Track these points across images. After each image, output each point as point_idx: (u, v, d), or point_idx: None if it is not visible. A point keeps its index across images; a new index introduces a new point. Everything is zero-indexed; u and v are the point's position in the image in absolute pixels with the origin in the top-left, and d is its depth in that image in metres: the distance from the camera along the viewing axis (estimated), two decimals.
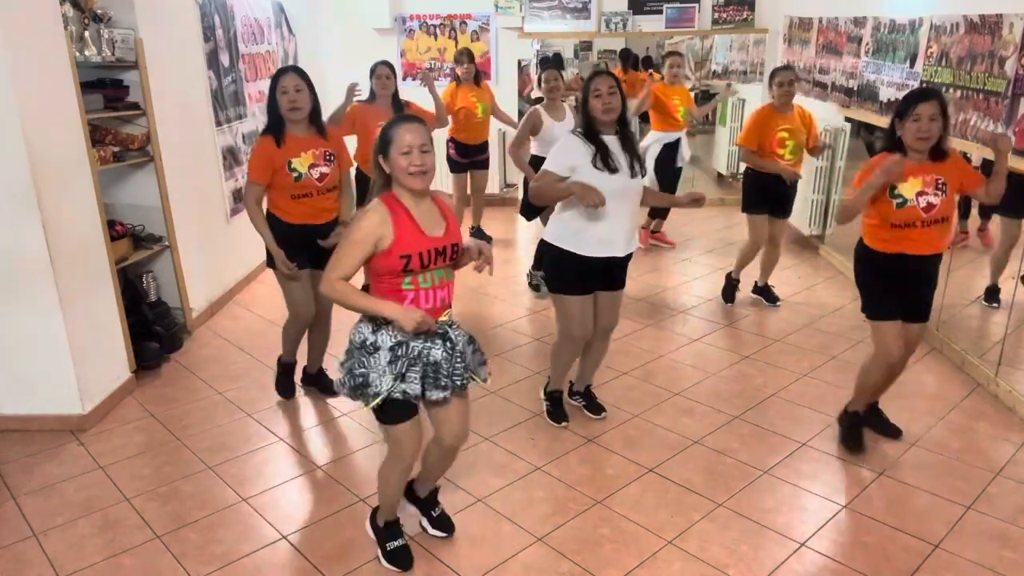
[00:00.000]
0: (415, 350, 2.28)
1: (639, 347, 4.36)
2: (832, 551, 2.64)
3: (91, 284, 3.58)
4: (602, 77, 3.08)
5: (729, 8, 7.31)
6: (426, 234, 2.26)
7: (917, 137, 2.91)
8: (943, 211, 2.96)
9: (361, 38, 7.37)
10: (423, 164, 2.21)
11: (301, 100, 3.23)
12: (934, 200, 2.94)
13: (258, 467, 3.22)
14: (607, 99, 3.03)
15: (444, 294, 2.34)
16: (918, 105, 2.89)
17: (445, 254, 2.29)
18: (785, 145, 4.58)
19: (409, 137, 2.20)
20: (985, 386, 3.80)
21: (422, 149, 2.21)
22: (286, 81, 3.22)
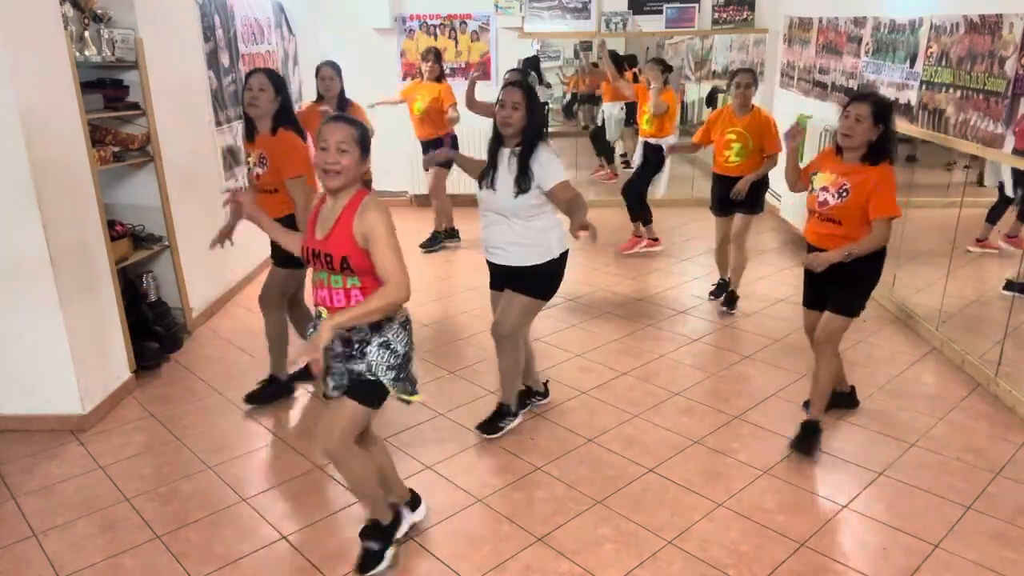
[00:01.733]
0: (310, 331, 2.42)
1: (639, 347, 4.36)
2: (832, 551, 2.64)
3: (91, 284, 3.58)
4: (511, 89, 3.04)
5: (729, 8, 7.31)
6: (314, 234, 2.32)
7: (841, 133, 3.03)
8: (834, 212, 3.07)
9: (361, 38, 7.37)
10: (336, 162, 2.22)
11: (262, 99, 3.38)
12: (830, 199, 3.09)
13: (258, 467, 3.22)
14: (507, 112, 3.01)
15: (325, 295, 2.32)
16: (850, 103, 3.02)
17: (320, 259, 2.28)
18: (730, 147, 4.66)
19: (329, 134, 2.22)
20: (985, 386, 3.80)
21: (339, 148, 2.21)
22: (252, 80, 3.40)
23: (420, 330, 4.67)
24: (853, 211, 3.03)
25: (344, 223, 2.25)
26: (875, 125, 2.95)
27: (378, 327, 2.32)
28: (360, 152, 2.27)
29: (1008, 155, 3.60)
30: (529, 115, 3.03)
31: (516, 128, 3.04)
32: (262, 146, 3.43)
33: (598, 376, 3.93)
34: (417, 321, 4.74)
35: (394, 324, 2.36)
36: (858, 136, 2.97)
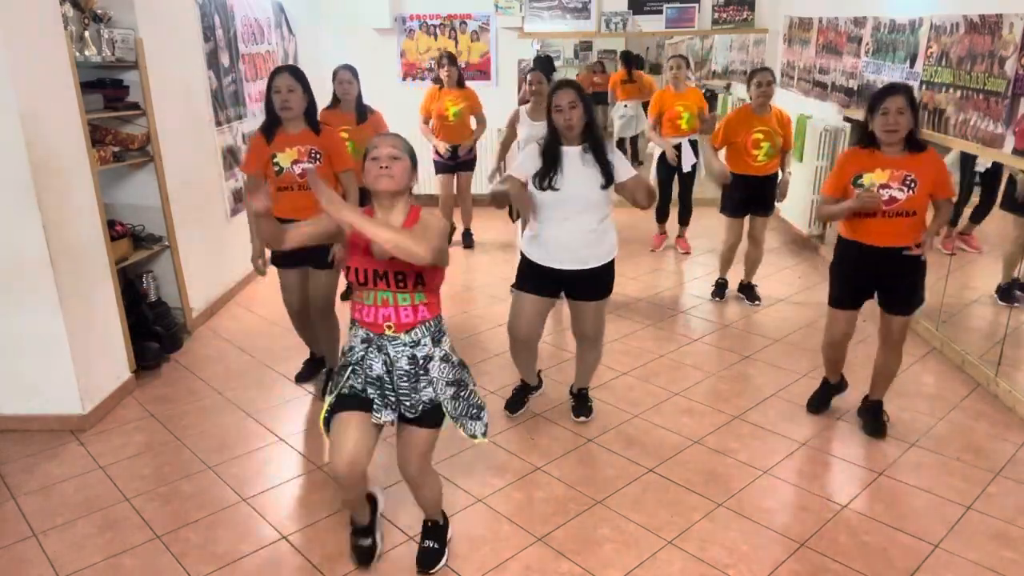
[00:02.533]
0: (356, 354, 2.30)
1: (639, 347, 4.36)
2: (832, 551, 2.64)
3: (91, 284, 3.58)
4: (563, 91, 3.00)
5: (729, 8, 7.31)
6: (371, 253, 2.23)
7: (884, 130, 2.98)
8: (908, 206, 3.01)
9: (361, 38, 7.37)
10: (388, 167, 2.20)
11: (293, 100, 3.35)
12: (898, 195, 3.01)
13: (258, 467, 3.22)
14: (568, 114, 2.97)
15: (390, 313, 2.25)
16: (885, 99, 2.98)
17: (386, 279, 2.22)
18: (760, 147, 4.64)
19: (380, 145, 2.24)
20: (985, 386, 3.80)
21: (391, 156, 2.22)
22: (279, 81, 3.35)
23: None
24: (923, 199, 3.01)
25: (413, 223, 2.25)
26: (912, 113, 2.97)
27: (438, 340, 2.33)
28: (411, 163, 2.28)
29: (1008, 155, 3.60)
30: (587, 111, 3.02)
31: (579, 127, 3.01)
32: (308, 143, 3.41)
33: (598, 376, 3.92)
34: None
35: (447, 338, 2.38)
36: (903, 128, 2.96)
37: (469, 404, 2.39)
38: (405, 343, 2.27)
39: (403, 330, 2.26)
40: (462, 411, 2.37)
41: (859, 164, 3.08)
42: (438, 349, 2.32)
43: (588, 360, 3.50)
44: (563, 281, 3.19)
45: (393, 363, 2.27)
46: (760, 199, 4.78)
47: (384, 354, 2.27)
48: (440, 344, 2.34)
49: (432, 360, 2.31)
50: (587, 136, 3.05)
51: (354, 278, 2.25)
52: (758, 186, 4.70)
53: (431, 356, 2.31)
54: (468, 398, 2.39)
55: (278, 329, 4.60)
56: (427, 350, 2.30)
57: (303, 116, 3.42)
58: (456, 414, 2.36)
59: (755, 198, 4.77)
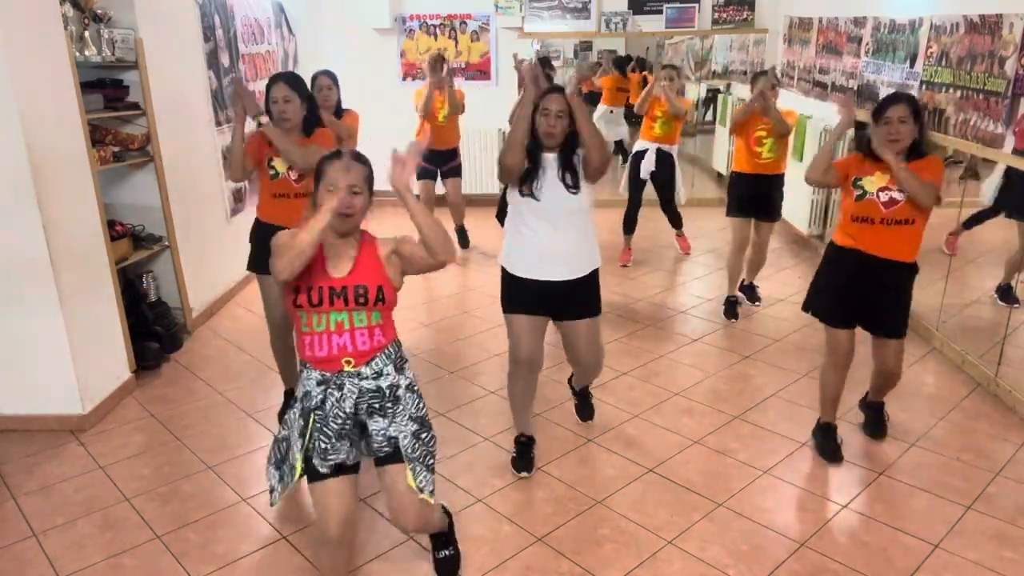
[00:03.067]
0: (314, 399, 2.10)
1: (639, 347, 4.36)
2: (832, 551, 2.64)
3: (91, 284, 3.58)
4: (555, 96, 2.89)
5: (729, 8, 7.31)
6: (327, 271, 2.07)
7: (887, 139, 2.93)
8: (907, 211, 2.93)
9: (361, 38, 7.38)
10: (350, 206, 2.04)
11: (290, 111, 3.24)
12: (897, 196, 2.94)
13: (258, 467, 3.22)
14: (553, 121, 2.86)
15: (345, 342, 2.07)
16: (888, 108, 2.93)
17: (344, 296, 2.05)
18: (763, 143, 4.63)
19: (339, 175, 2.04)
20: (985, 386, 3.80)
21: (352, 191, 2.04)
22: (275, 92, 3.24)
23: (420, 330, 4.67)
24: (919, 208, 2.95)
25: (369, 252, 2.13)
26: (915, 123, 2.92)
27: (401, 367, 2.18)
28: (369, 191, 2.12)
29: (1008, 155, 3.60)
30: (570, 122, 2.89)
31: (560, 138, 2.88)
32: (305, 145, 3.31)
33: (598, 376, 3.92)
34: (417, 321, 4.78)
35: (408, 366, 2.23)
36: (906, 138, 2.91)
37: (428, 450, 2.18)
38: (366, 376, 2.10)
39: (362, 362, 2.09)
40: (420, 455, 2.16)
41: (859, 168, 3.04)
42: (403, 377, 2.17)
43: (588, 376, 3.37)
44: (548, 299, 2.98)
45: (339, 402, 2.10)
46: (765, 201, 4.73)
47: (341, 392, 2.10)
48: (403, 372, 2.18)
49: (399, 388, 2.15)
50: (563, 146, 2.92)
51: (306, 300, 2.05)
52: (763, 185, 4.67)
53: (398, 384, 2.15)
54: (428, 443, 2.18)
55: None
56: (391, 379, 2.14)
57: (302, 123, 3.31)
58: (412, 456, 2.14)
59: (760, 199, 4.72)
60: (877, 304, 3.07)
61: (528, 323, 3.00)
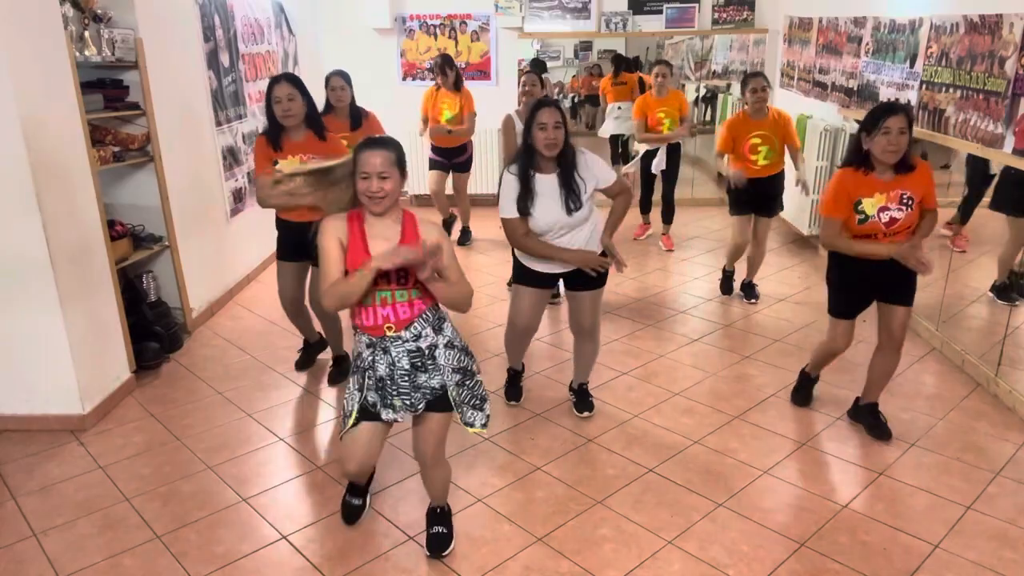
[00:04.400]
0: (366, 360, 2.38)
1: (639, 347, 4.36)
2: (832, 551, 2.64)
3: (91, 284, 3.58)
4: (548, 109, 2.97)
5: (729, 8, 7.32)
6: (371, 253, 2.28)
7: (887, 150, 2.94)
8: (908, 223, 3.05)
9: (361, 38, 7.37)
10: (379, 190, 2.26)
11: (294, 108, 3.40)
12: (897, 215, 3.02)
13: (258, 467, 3.22)
14: (551, 133, 2.95)
15: (388, 313, 2.32)
16: (887, 118, 2.92)
17: (388, 277, 2.28)
18: (757, 151, 4.68)
19: (370, 162, 2.25)
20: (985, 386, 3.80)
21: (380, 176, 2.25)
22: (278, 91, 3.39)
23: None
24: (917, 216, 3.06)
25: (411, 236, 2.33)
26: (909, 134, 2.96)
27: (439, 327, 2.41)
28: (399, 173, 2.31)
29: (1008, 155, 3.60)
30: (566, 132, 3.02)
31: (560, 146, 3.00)
32: (312, 150, 3.42)
33: (598, 376, 3.92)
34: None
35: (449, 322, 2.46)
36: (903, 148, 2.94)
37: (473, 393, 2.47)
38: (406, 340, 2.34)
39: (403, 327, 2.33)
40: (465, 398, 2.44)
41: (857, 188, 3.02)
42: (440, 337, 2.40)
43: (586, 353, 3.53)
44: (556, 279, 3.31)
45: (395, 364, 2.35)
46: (765, 198, 4.80)
47: (388, 355, 2.35)
48: (442, 331, 2.41)
49: (437, 348, 2.39)
50: (560, 160, 3.05)
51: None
52: (761, 185, 4.74)
53: (435, 344, 2.39)
54: (473, 387, 2.47)
55: (278, 329, 4.60)
56: (430, 340, 2.38)
57: (305, 121, 3.47)
58: (459, 400, 2.43)
59: (760, 196, 4.79)
60: (889, 282, 3.17)
61: (533, 297, 3.34)
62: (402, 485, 3.05)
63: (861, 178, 3.04)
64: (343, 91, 4.45)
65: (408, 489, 3.03)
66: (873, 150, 2.98)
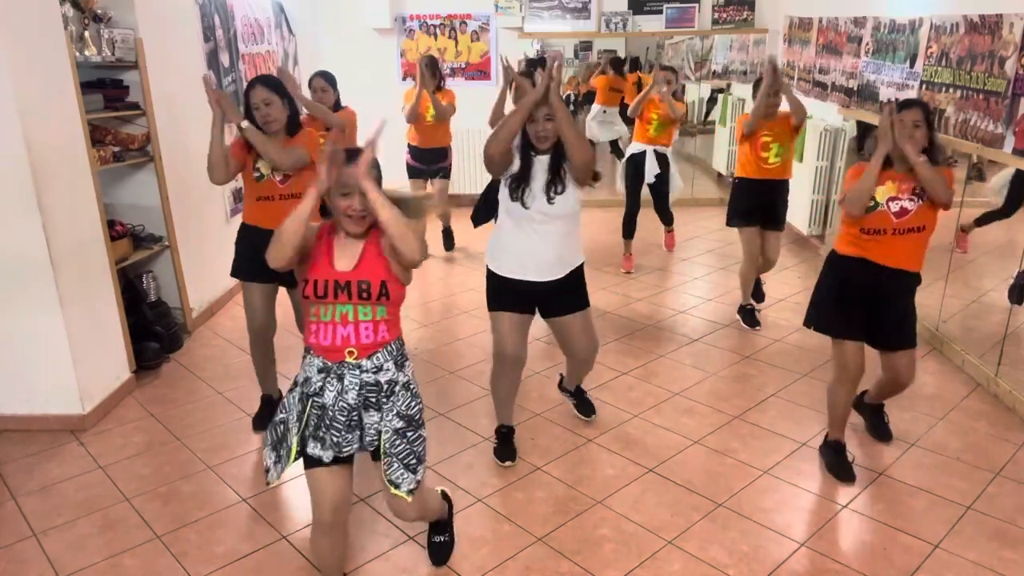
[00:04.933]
0: (314, 386, 2.13)
1: (639, 347, 4.36)
2: (832, 551, 2.64)
3: (91, 284, 3.58)
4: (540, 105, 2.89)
5: (729, 8, 7.32)
6: (334, 266, 2.12)
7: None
8: (918, 219, 2.88)
9: (361, 38, 7.37)
10: (363, 208, 2.09)
11: (273, 113, 3.19)
12: (908, 205, 2.89)
13: (258, 467, 3.22)
14: (542, 125, 2.89)
15: (349, 333, 2.10)
16: (901, 112, 2.88)
17: (348, 290, 2.08)
18: (769, 149, 4.55)
19: (349, 178, 2.07)
20: (985, 386, 3.80)
21: (364, 194, 2.07)
22: (255, 96, 3.18)
23: (420, 331, 4.67)
24: (932, 211, 2.89)
25: (373, 247, 2.15)
26: (928, 129, 2.87)
27: (402, 365, 2.19)
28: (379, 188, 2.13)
29: (1008, 155, 3.60)
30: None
31: (553, 140, 2.91)
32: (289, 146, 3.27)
33: (598, 376, 3.92)
34: (417, 321, 4.78)
35: (410, 365, 2.24)
36: (919, 142, 2.85)
37: (412, 449, 2.18)
38: (366, 369, 2.12)
39: (365, 355, 2.12)
40: (400, 452, 2.16)
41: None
42: (401, 374, 2.18)
43: (581, 371, 3.42)
44: (535, 297, 3.04)
45: (341, 394, 2.12)
46: (769, 208, 4.58)
47: (340, 384, 2.12)
48: (403, 369, 2.19)
49: (396, 385, 2.16)
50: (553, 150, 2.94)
51: (311, 291, 2.10)
52: (766, 192, 4.52)
53: (395, 380, 2.16)
54: (413, 442, 2.18)
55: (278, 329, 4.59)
56: (391, 374, 2.15)
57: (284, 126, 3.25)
58: (390, 451, 2.15)
59: (764, 207, 4.57)
60: (885, 317, 2.99)
61: (513, 321, 3.06)
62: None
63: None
64: (324, 92, 4.41)
65: None
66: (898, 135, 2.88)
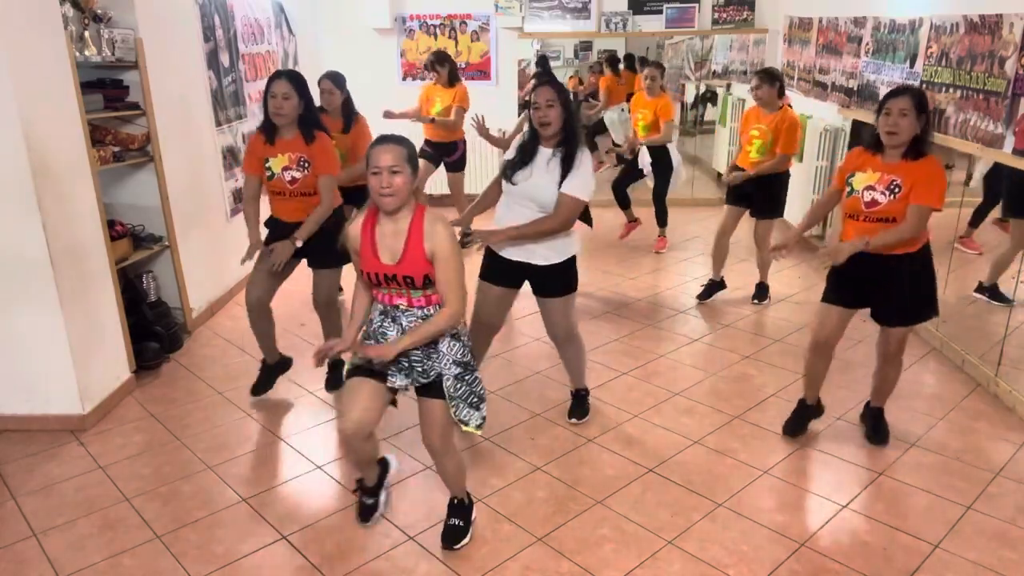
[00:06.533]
0: (375, 324, 2.46)
1: (639, 347, 4.36)
2: (832, 551, 2.64)
3: (91, 284, 3.57)
4: (542, 88, 3.02)
5: (729, 8, 7.32)
6: (380, 259, 2.37)
7: (885, 131, 2.92)
8: (888, 211, 2.92)
9: (361, 38, 7.37)
10: (389, 186, 2.27)
11: (287, 107, 3.33)
12: (880, 199, 2.93)
13: (258, 467, 3.22)
14: (544, 111, 2.98)
15: (403, 302, 2.42)
16: (889, 100, 2.91)
17: (396, 280, 2.36)
18: (752, 143, 4.76)
19: (381, 157, 2.28)
20: (985, 386, 3.80)
21: (391, 170, 2.27)
22: (276, 87, 3.33)
23: None
24: (905, 205, 2.90)
25: (415, 244, 2.34)
26: (918, 118, 2.87)
27: None
28: (411, 169, 2.32)
29: (1008, 155, 3.60)
30: (565, 111, 3.01)
31: (556, 126, 2.99)
32: (298, 151, 3.39)
33: (598, 376, 3.93)
34: None
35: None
36: (905, 132, 2.87)
37: (471, 390, 2.48)
38: (417, 315, 2.41)
39: (417, 306, 2.41)
40: (462, 394, 2.45)
41: (856, 163, 3.06)
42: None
43: (569, 357, 3.49)
44: (521, 276, 3.24)
45: (405, 331, 2.39)
46: (757, 197, 4.82)
47: (398, 324, 2.42)
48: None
49: (443, 336, 2.42)
50: (563, 140, 3.03)
51: (368, 279, 2.43)
52: (754, 182, 4.76)
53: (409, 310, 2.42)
54: (472, 384, 2.48)
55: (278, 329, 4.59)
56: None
57: (297, 122, 3.39)
58: (455, 395, 2.44)
59: (751, 195, 4.82)
60: (877, 296, 3.09)
61: (493, 293, 3.28)
62: (402, 485, 3.05)
63: (867, 156, 3.03)
64: (331, 94, 4.44)
65: (408, 489, 3.03)
66: (879, 131, 2.95)
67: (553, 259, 3.16)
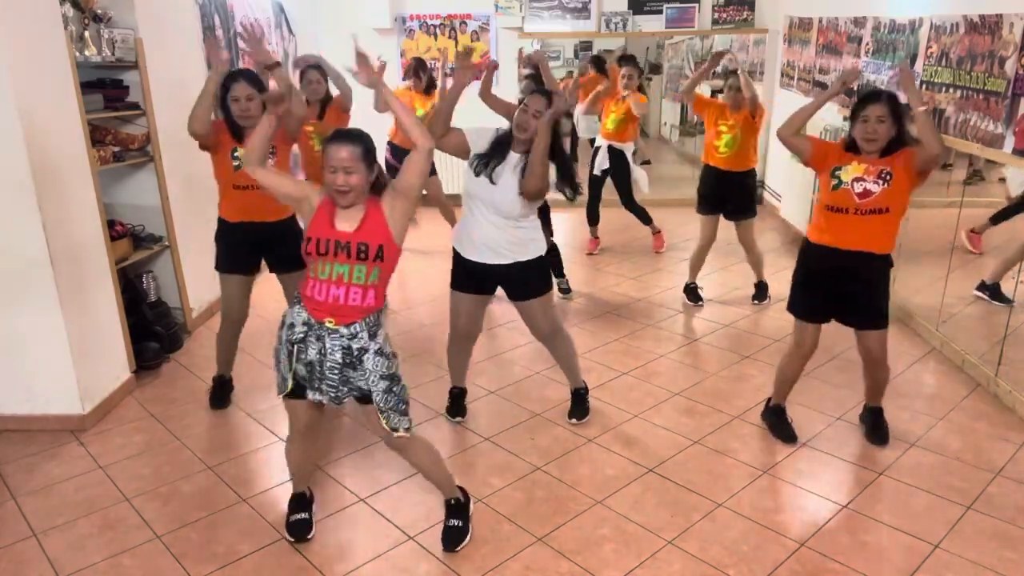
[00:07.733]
0: (297, 335, 2.41)
1: (639, 347, 4.36)
2: (832, 551, 2.64)
3: (91, 284, 3.58)
4: (537, 96, 3.02)
5: (729, 8, 7.31)
6: (335, 227, 2.36)
7: (864, 138, 2.94)
8: (881, 201, 2.93)
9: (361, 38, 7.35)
10: (344, 184, 2.30)
11: (253, 108, 3.22)
12: (872, 188, 2.94)
13: (258, 467, 3.22)
14: (527, 118, 2.99)
15: (340, 293, 2.35)
16: (866, 107, 2.92)
17: (348, 250, 2.32)
18: (721, 138, 4.74)
19: (336, 156, 2.30)
20: (985, 386, 3.80)
21: (346, 170, 2.30)
22: (237, 90, 3.21)
23: (420, 330, 4.67)
24: (899, 195, 2.93)
25: (374, 211, 2.38)
26: (894, 122, 2.90)
27: (374, 335, 2.41)
28: (366, 166, 2.34)
29: (1008, 155, 3.60)
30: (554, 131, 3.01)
31: (529, 137, 2.99)
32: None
33: (598, 376, 3.93)
34: (417, 321, 4.78)
35: (383, 332, 2.47)
36: (882, 138, 2.91)
37: (399, 399, 2.48)
38: (343, 335, 2.37)
39: (344, 322, 2.36)
40: (391, 405, 2.46)
41: (840, 158, 3.03)
42: (373, 343, 2.41)
43: (560, 354, 3.48)
44: (490, 280, 3.23)
45: (326, 354, 2.38)
46: (731, 199, 4.80)
47: (321, 343, 2.38)
48: (375, 338, 2.42)
49: (367, 352, 2.40)
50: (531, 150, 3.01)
51: (314, 248, 2.34)
52: (725, 183, 4.75)
53: (366, 349, 2.40)
54: (399, 393, 2.48)
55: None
56: (363, 343, 2.39)
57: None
58: (385, 408, 2.45)
59: (726, 198, 4.81)
60: (854, 299, 3.09)
61: (466, 302, 3.29)
62: (402, 485, 3.05)
63: (848, 156, 3.02)
64: (319, 84, 4.49)
65: (408, 489, 3.03)
66: (855, 136, 2.98)
67: (520, 257, 3.16)
